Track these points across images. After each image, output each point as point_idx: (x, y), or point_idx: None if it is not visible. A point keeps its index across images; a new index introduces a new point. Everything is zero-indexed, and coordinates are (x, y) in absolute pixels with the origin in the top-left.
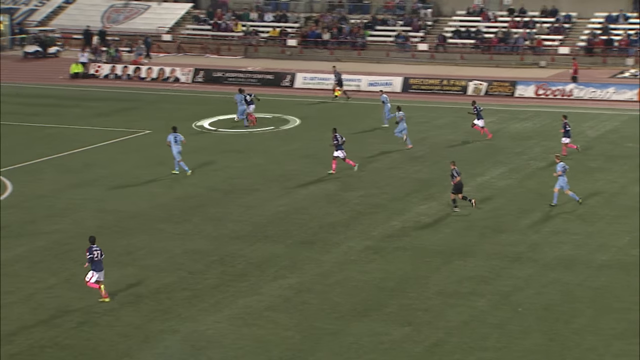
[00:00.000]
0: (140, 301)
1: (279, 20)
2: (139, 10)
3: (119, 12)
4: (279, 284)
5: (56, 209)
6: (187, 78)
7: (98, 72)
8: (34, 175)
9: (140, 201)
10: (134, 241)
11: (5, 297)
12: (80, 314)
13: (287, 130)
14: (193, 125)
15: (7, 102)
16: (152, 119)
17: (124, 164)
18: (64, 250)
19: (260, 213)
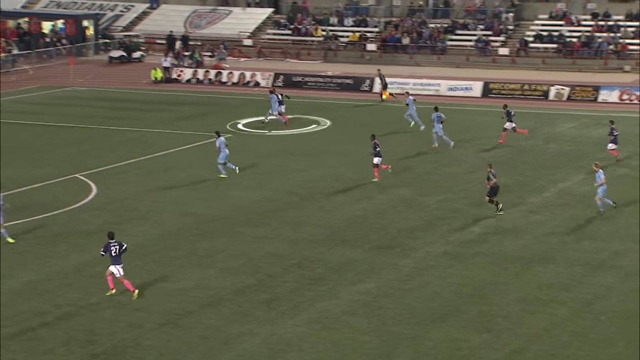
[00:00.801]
0: (219, 303)
1: (359, 25)
2: (220, 15)
3: (202, 17)
4: (357, 289)
5: (139, 212)
6: (267, 82)
7: (180, 76)
8: (118, 178)
9: (220, 204)
10: (214, 244)
11: (89, 298)
12: (161, 315)
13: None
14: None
15: (92, 106)
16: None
17: (204, 167)
18: (147, 252)
19: (338, 217)
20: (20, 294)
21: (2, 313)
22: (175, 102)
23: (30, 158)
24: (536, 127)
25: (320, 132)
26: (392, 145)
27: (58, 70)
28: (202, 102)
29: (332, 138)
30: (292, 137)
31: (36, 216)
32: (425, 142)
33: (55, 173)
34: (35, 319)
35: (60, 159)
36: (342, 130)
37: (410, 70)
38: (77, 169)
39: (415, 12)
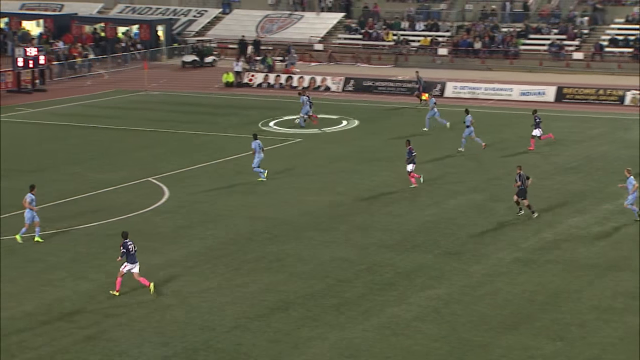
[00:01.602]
0: (289, 307)
1: (430, 29)
2: (292, 20)
3: (273, 22)
4: (427, 294)
5: (210, 215)
6: (337, 87)
7: (252, 80)
8: (189, 181)
9: (290, 208)
10: (284, 248)
11: (161, 301)
12: (232, 318)
13: (436, 139)
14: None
15: (165, 110)
16: (306, 127)
17: (274, 171)
18: (217, 256)
19: (408, 222)
20: (93, 296)
21: (77, 315)
22: (247, 106)
23: (105, 162)
24: (610, 133)
25: (389, 136)
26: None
27: (132, 74)
28: (272, 107)
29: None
30: (359, 140)
31: (110, 219)
32: (495, 147)
33: (129, 176)
34: (108, 321)
35: (133, 163)
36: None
37: (482, 75)
38: (150, 172)
39: (487, 16)
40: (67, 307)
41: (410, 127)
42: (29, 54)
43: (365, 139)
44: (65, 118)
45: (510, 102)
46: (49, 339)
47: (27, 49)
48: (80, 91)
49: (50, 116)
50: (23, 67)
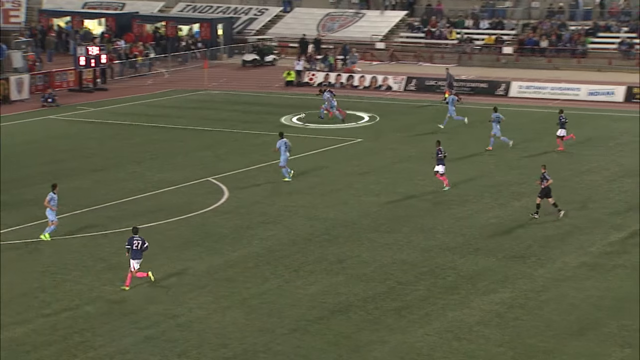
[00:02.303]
0: (349, 310)
1: (495, 28)
2: (353, 18)
3: (334, 20)
4: (490, 299)
5: (270, 216)
6: (399, 86)
7: (312, 80)
8: (249, 181)
9: (350, 210)
10: (344, 249)
11: (220, 301)
12: (291, 320)
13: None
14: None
15: (225, 110)
16: (363, 127)
17: (335, 172)
18: (277, 257)
19: (471, 225)
20: (154, 296)
21: (137, 316)
22: (307, 105)
23: (165, 161)
24: None
25: (450, 137)
26: (526, 150)
27: (193, 73)
28: None
29: (463, 143)
30: (421, 141)
31: (170, 219)
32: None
33: (189, 176)
34: (168, 321)
35: (194, 163)
36: (473, 135)
37: (549, 74)
38: (209, 172)
39: (554, 13)
40: (127, 307)
41: (474, 128)
42: (91, 53)
43: (426, 140)
44: (126, 117)
45: (577, 102)
46: (109, 339)
47: (88, 47)
48: (140, 90)
49: (111, 115)
50: (85, 66)
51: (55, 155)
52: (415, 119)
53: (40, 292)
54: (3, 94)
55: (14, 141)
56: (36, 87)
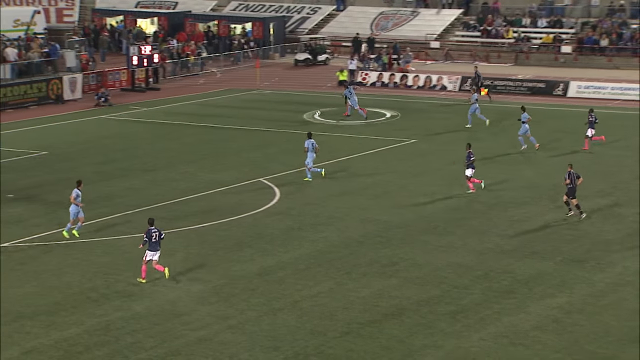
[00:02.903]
0: (402, 314)
1: (553, 26)
2: (407, 17)
3: (388, 19)
4: (547, 303)
5: (321, 217)
6: (454, 86)
7: (365, 79)
8: (301, 182)
9: (403, 211)
10: (397, 252)
11: (272, 303)
12: (343, 323)
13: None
14: None
15: (277, 109)
16: (418, 127)
17: (388, 173)
18: (329, 259)
19: (527, 227)
20: (205, 297)
21: (188, 317)
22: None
23: (217, 161)
24: None
25: (506, 137)
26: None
27: (244, 73)
28: (386, 106)
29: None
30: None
31: (221, 219)
32: (621, 149)
33: (241, 177)
34: (220, 323)
35: (245, 163)
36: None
37: (609, 74)
38: (261, 172)
39: (615, 11)
40: (179, 308)
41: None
42: (144, 53)
43: (481, 140)
44: (178, 117)
45: (638, 103)
46: (160, 340)
47: (141, 47)
48: (192, 90)
49: (163, 115)
50: (137, 65)
51: (107, 155)
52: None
53: (92, 292)
54: (56, 93)
55: (67, 141)
56: (89, 86)
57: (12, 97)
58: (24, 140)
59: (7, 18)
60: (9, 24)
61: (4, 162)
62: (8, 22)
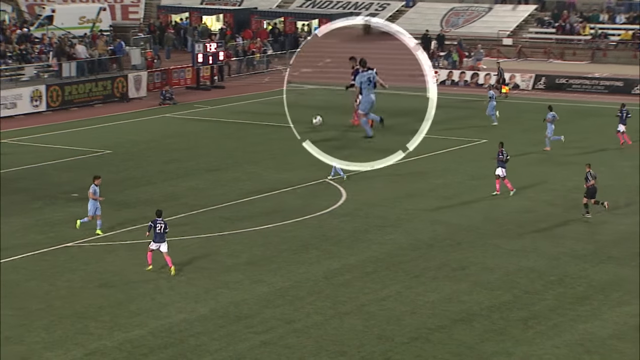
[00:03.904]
0: (472, 319)
1: (633, 22)
2: (479, 13)
3: (459, 15)
4: (625, 311)
5: (388, 219)
6: (527, 85)
7: (434, 78)
8: (368, 183)
9: (473, 214)
10: (467, 256)
11: (338, 307)
12: (411, 328)
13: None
14: None
15: None
16: (489, 127)
17: (458, 174)
18: (396, 262)
19: (604, 231)
20: (270, 300)
21: (253, 320)
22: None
23: (283, 161)
24: None
25: (582, 137)
26: None
27: None
28: (456, 105)
29: (599, 146)
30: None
31: (286, 221)
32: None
33: (306, 177)
34: (285, 326)
35: (310, 163)
36: (611, 138)
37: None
38: (327, 173)
39: None
40: (243, 310)
41: (608, 127)
42: (209, 50)
43: (556, 141)
44: (243, 115)
45: None
46: (225, 343)
47: (206, 44)
48: (258, 88)
49: (228, 114)
50: (202, 63)
51: (171, 154)
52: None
53: (156, 293)
54: (121, 91)
55: (131, 140)
56: (154, 84)
57: (78, 95)
58: (89, 139)
59: (73, 15)
60: (74, 21)
61: (70, 160)
62: (74, 19)
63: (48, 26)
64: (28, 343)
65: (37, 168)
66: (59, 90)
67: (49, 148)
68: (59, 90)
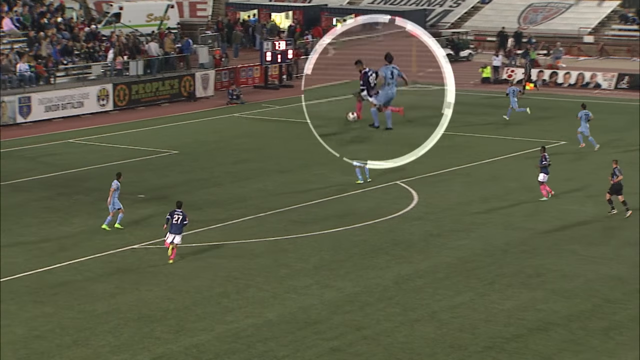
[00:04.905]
0: (550, 329)
1: None
2: (559, 9)
3: (537, 11)
4: None
5: (462, 223)
6: (609, 84)
7: (511, 77)
8: (441, 186)
9: (549, 219)
10: (544, 262)
11: (409, 314)
12: (485, 337)
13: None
14: None
15: None
16: (568, 128)
17: (534, 177)
18: (470, 268)
19: None
20: (339, 306)
21: (321, 326)
22: (505, 105)
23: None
24: None
25: None
26: None
27: None
28: (534, 105)
29: None
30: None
31: (356, 224)
32: None
33: (377, 179)
34: (354, 333)
35: None
36: None
37: None
38: (398, 175)
39: None
40: (311, 316)
41: None
42: (277, 48)
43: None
44: None
45: None
46: (293, 350)
47: (275, 42)
48: None
49: (296, 114)
50: (271, 61)
51: (239, 155)
52: (626, 120)
53: (223, 297)
54: (188, 90)
55: (198, 140)
56: (221, 83)
57: (144, 95)
58: (156, 139)
59: (141, 12)
60: (142, 19)
61: (136, 161)
62: (141, 17)
63: (115, 24)
64: (94, 347)
65: (103, 168)
66: (126, 89)
67: (115, 148)
68: (126, 89)
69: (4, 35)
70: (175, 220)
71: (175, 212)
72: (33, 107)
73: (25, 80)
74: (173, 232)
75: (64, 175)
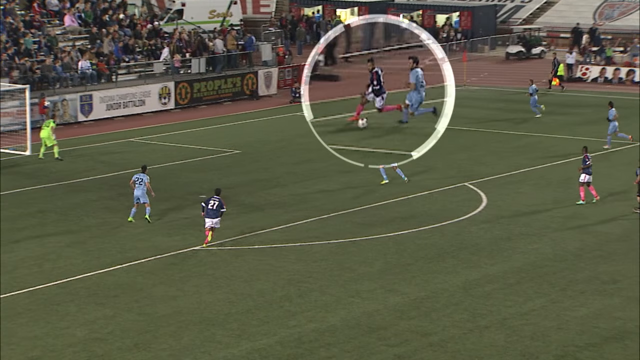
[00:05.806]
0: (626, 337)
1: None
2: (636, 5)
3: (614, 7)
4: None
5: (533, 227)
6: None
7: (585, 75)
8: (511, 188)
9: (626, 222)
10: (620, 268)
11: (477, 320)
12: (558, 345)
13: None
14: None
15: (486, 108)
16: None
17: (609, 179)
18: (541, 273)
19: None
20: (404, 311)
21: (386, 332)
22: (579, 104)
23: (419, 164)
24: None
25: None
26: None
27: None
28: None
29: None
30: None
31: (423, 227)
32: None
33: (444, 181)
34: (420, 339)
35: (448, 166)
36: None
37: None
38: (466, 176)
39: None
40: (376, 321)
41: None
42: None
43: None
44: None
45: None
46: (357, 356)
47: None
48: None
49: None
50: None
51: (301, 155)
52: None
53: (285, 301)
54: (251, 88)
55: (261, 139)
56: (284, 81)
57: (207, 93)
58: (218, 138)
59: (203, 9)
60: (204, 15)
61: (198, 160)
62: (204, 13)
63: (178, 20)
64: (155, 350)
65: (165, 168)
66: (188, 87)
67: (176, 147)
68: (188, 87)
69: (66, 32)
70: (210, 205)
71: (212, 198)
72: (94, 105)
73: (86, 78)
74: (209, 216)
75: (124, 175)
